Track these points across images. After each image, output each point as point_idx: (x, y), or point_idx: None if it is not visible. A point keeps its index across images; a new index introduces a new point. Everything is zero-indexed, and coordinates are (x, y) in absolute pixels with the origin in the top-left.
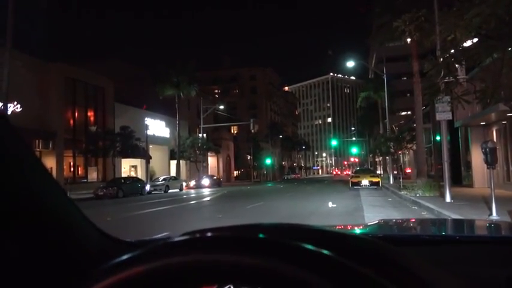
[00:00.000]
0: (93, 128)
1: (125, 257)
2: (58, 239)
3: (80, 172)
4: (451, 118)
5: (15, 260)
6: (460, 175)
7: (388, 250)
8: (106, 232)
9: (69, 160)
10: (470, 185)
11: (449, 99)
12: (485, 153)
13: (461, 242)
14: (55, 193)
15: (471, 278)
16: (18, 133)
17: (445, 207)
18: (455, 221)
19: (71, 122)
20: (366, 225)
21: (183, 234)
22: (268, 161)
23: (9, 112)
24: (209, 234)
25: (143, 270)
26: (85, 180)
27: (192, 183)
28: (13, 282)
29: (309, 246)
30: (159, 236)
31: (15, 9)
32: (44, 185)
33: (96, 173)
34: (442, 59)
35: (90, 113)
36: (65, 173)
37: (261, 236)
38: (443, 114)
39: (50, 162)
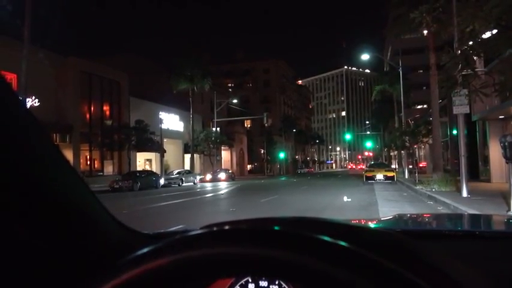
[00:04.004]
0: (109, 122)
1: (149, 248)
2: (79, 230)
3: (96, 165)
4: (468, 112)
5: (37, 250)
6: (477, 170)
7: (408, 243)
8: (125, 224)
9: (85, 153)
10: (488, 180)
11: (466, 92)
12: (504, 148)
13: (480, 237)
14: (76, 184)
15: (491, 273)
16: (42, 126)
17: (462, 202)
18: (472, 216)
19: (87, 115)
20: (382, 220)
21: (202, 228)
22: (281, 155)
23: (27, 106)
24: (232, 227)
25: (168, 262)
26: (101, 174)
27: (208, 176)
28: (36, 273)
29: (328, 238)
30: (175, 228)
31: (33, 3)
32: (66, 176)
33: (111, 166)
34: (459, 51)
35: (106, 107)
36: (81, 166)
37: (279, 228)
38: (460, 107)
39: (67, 156)
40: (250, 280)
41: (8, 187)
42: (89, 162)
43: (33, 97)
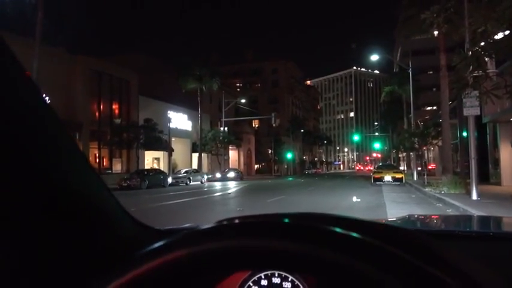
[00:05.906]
0: (118, 120)
1: (167, 240)
2: (94, 224)
3: (104, 163)
4: (479, 113)
5: (52, 245)
6: (488, 172)
7: (425, 239)
8: (138, 219)
9: (94, 151)
10: (498, 183)
11: (477, 94)
12: None
13: (492, 238)
14: (92, 179)
15: (505, 275)
16: (60, 119)
17: (472, 205)
18: (483, 217)
19: (96, 114)
20: (393, 220)
21: (218, 222)
22: (289, 155)
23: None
24: (249, 220)
25: (186, 254)
26: (109, 171)
27: (218, 175)
28: (51, 267)
29: (342, 231)
30: (185, 226)
31: (45, 2)
32: (82, 171)
33: (120, 164)
34: (471, 52)
35: (115, 106)
36: None
37: (293, 222)
38: (471, 109)
39: None
40: (263, 276)
41: (24, 179)
42: (97, 160)
43: (44, 95)
